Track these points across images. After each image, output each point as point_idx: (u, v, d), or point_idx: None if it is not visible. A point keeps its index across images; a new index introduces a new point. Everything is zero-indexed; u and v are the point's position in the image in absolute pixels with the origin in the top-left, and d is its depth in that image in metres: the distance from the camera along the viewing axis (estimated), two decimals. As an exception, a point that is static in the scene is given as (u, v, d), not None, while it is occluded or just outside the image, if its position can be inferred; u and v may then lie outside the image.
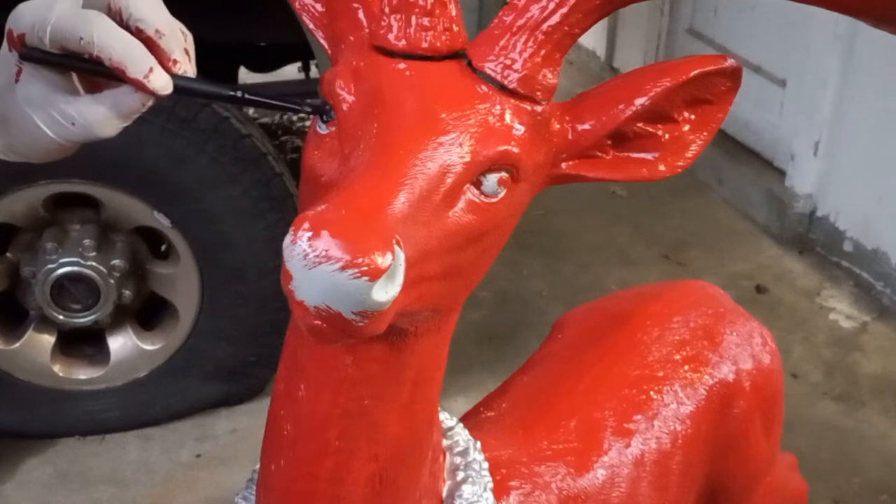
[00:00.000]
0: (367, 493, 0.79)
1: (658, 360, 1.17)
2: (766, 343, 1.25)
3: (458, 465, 0.90)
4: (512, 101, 0.71)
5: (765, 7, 3.56)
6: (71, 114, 0.69)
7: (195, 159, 1.94)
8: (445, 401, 1.00)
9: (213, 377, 2.19)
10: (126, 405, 2.17)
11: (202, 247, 2.03)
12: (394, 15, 0.71)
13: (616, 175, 0.78)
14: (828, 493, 2.07)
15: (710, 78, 0.75)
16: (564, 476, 1.01)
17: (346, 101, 0.71)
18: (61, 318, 2.01)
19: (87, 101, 0.70)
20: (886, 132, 2.91)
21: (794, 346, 2.64)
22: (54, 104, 0.69)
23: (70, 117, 0.70)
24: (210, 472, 2.09)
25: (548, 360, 1.21)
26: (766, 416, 1.23)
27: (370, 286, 0.57)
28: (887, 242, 2.93)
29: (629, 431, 1.09)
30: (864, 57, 2.98)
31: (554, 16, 0.71)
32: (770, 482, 1.28)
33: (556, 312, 1.38)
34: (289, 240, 0.59)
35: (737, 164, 3.63)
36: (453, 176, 0.67)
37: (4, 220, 1.96)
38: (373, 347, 0.73)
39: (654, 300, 1.26)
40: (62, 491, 2.03)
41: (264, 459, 0.82)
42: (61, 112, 0.70)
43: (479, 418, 1.08)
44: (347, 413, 0.75)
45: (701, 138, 0.77)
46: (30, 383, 2.09)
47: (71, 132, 0.70)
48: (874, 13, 0.73)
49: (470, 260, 0.72)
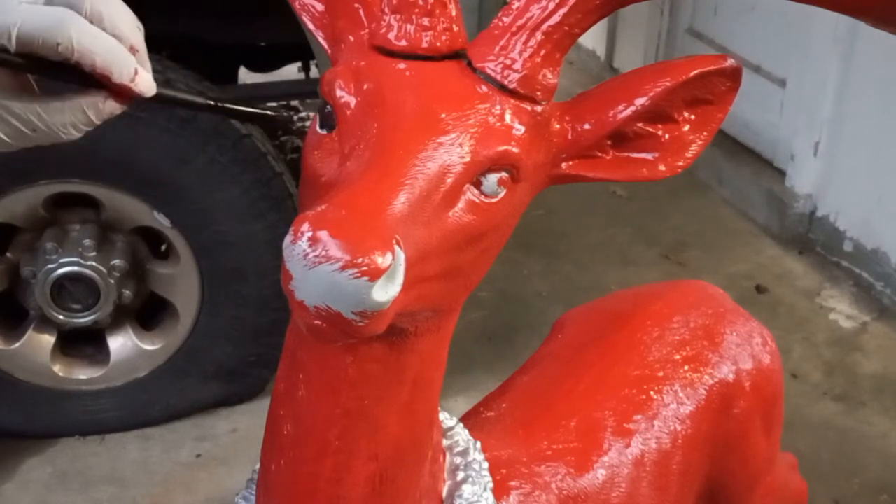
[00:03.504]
0: (367, 493, 0.79)
1: (658, 360, 1.17)
2: (766, 343, 1.25)
3: (458, 465, 0.90)
4: (512, 101, 0.71)
5: (765, 7, 3.56)
6: (31, 120, 0.65)
7: (195, 159, 1.94)
8: (445, 401, 1.00)
9: (213, 377, 2.19)
10: (126, 405, 2.17)
11: (202, 247, 2.03)
12: (394, 15, 0.71)
13: (616, 175, 0.78)
14: (828, 493, 2.06)
15: (710, 78, 0.75)
16: (564, 476, 1.01)
17: (346, 101, 0.71)
18: (61, 318, 2.01)
19: (53, 105, 0.65)
20: (886, 132, 2.91)
21: (794, 346, 2.64)
22: (9, 110, 0.64)
23: (30, 124, 0.65)
24: (210, 472, 2.09)
25: (548, 360, 1.21)
26: (766, 416, 1.23)
27: (370, 286, 0.57)
28: (887, 242, 2.93)
29: (629, 431, 1.09)
30: (864, 57, 2.98)
31: (554, 16, 0.71)
32: (770, 482, 1.28)
33: (556, 312, 1.38)
34: (289, 240, 0.59)
35: (737, 164, 3.63)
36: (453, 176, 0.67)
37: (4, 220, 1.95)
38: (373, 347, 0.73)
39: (654, 300, 1.26)
40: (62, 491, 2.03)
41: (264, 459, 0.82)
42: (19, 119, 0.64)
43: (479, 418, 1.08)
44: (347, 413, 0.75)
45: (701, 138, 0.77)
46: (30, 383, 2.09)
47: (30, 138, 0.66)
48: (874, 13, 0.73)
49: (470, 260, 0.72)
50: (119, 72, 0.65)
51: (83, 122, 0.67)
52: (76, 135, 0.67)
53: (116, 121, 0.71)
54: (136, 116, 1.83)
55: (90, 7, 0.64)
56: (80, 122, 0.66)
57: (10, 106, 0.64)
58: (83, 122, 0.66)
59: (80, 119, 0.66)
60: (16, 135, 0.65)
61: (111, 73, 0.65)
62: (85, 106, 0.66)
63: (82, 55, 0.63)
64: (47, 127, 0.65)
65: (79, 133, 0.67)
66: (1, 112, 0.65)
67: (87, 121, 0.67)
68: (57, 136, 0.66)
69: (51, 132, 0.66)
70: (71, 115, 0.66)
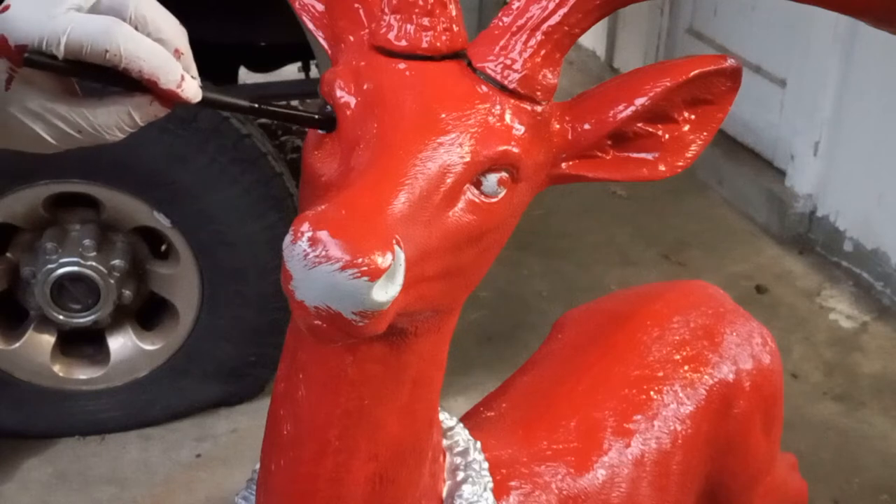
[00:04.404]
0: (367, 493, 0.79)
1: (658, 360, 1.17)
2: (766, 343, 1.25)
3: (458, 465, 0.90)
4: (512, 101, 0.71)
5: (765, 7, 3.56)
6: (77, 122, 0.66)
7: (195, 159, 1.94)
8: (445, 401, 1.00)
9: (213, 377, 2.19)
10: (126, 405, 2.17)
11: (202, 247, 2.03)
12: (394, 15, 0.71)
13: (616, 175, 0.78)
14: (828, 493, 2.06)
15: (709, 78, 0.75)
16: (564, 476, 1.01)
17: (346, 101, 0.71)
18: (61, 318, 2.01)
19: (99, 109, 0.66)
20: (886, 132, 2.91)
21: (794, 346, 2.64)
22: (55, 112, 0.65)
23: (76, 125, 0.66)
24: (210, 472, 2.09)
25: (548, 360, 1.21)
26: (766, 416, 1.23)
27: (370, 286, 0.57)
28: (887, 242, 2.93)
29: (629, 431, 1.09)
30: (864, 57, 2.98)
31: (554, 16, 0.71)
32: (770, 482, 1.28)
33: (556, 312, 1.38)
34: (289, 240, 0.59)
35: (737, 164, 3.63)
36: (453, 176, 0.67)
37: (4, 220, 1.96)
38: (373, 347, 0.73)
39: (654, 300, 1.26)
40: (62, 491, 2.03)
41: (264, 459, 0.82)
42: (65, 121, 0.66)
43: (479, 418, 1.08)
44: (347, 413, 0.75)
45: (701, 138, 0.77)
46: (30, 383, 2.09)
47: (76, 140, 0.67)
48: (874, 13, 0.73)
49: (470, 260, 0.72)
50: (165, 78, 0.65)
51: (128, 124, 0.67)
52: (120, 136, 0.68)
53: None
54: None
55: (134, 12, 0.64)
56: (125, 123, 0.67)
57: (55, 109, 0.65)
58: (128, 123, 0.67)
59: (124, 121, 0.67)
60: (60, 137, 0.66)
61: (158, 80, 0.65)
62: (131, 108, 0.67)
63: (130, 62, 0.64)
64: (92, 128, 0.66)
65: (123, 134, 0.68)
66: (47, 115, 0.65)
67: (131, 122, 0.67)
68: (101, 138, 0.67)
69: (96, 133, 0.67)
70: (116, 116, 0.66)
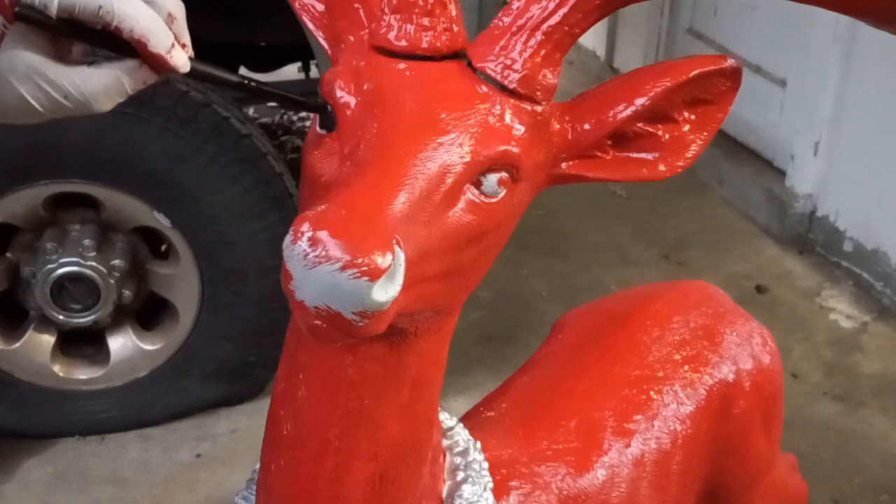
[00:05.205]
0: (367, 493, 0.79)
1: (658, 360, 1.17)
2: (766, 343, 1.25)
3: (458, 465, 0.90)
4: (512, 101, 0.72)
5: (765, 7, 3.56)
6: (64, 86, 0.64)
7: (195, 159, 1.93)
8: (445, 401, 1.00)
9: (213, 377, 2.18)
10: (126, 405, 2.16)
11: (202, 247, 2.03)
12: (394, 15, 0.71)
13: (616, 175, 0.78)
14: (828, 493, 2.06)
15: (709, 78, 0.75)
16: (564, 476, 1.01)
17: (346, 101, 0.71)
18: (61, 318, 2.01)
19: (88, 72, 0.65)
20: (886, 132, 2.91)
21: (794, 346, 2.64)
22: (44, 76, 0.64)
23: (62, 90, 0.64)
24: (210, 472, 2.09)
25: (548, 360, 1.21)
26: (766, 416, 1.23)
27: (370, 286, 0.57)
28: (887, 242, 2.93)
29: (629, 431, 1.09)
30: (864, 57, 2.98)
31: (554, 16, 0.71)
32: (770, 482, 1.28)
33: (556, 312, 1.38)
34: (289, 240, 0.59)
35: (737, 164, 3.63)
36: (453, 176, 0.67)
37: (4, 220, 1.95)
38: (373, 347, 0.73)
39: (654, 300, 1.26)
40: (62, 491, 2.03)
41: (264, 459, 0.82)
42: (53, 85, 0.64)
43: (479, 418, 1.08)
44: (347, 413, 0.75)
45: (701, 138, 0.77)
46: (30, 383, 2.09)
47: (62, 106, 0.65)
48: (874, 13, 0.73)
49: (470, 260, 0.72)
50: (156, 41, 0.65)
51: (117, 91, 0.66)
52: (108, 105, 0.67)
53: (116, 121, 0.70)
54: (136, 116, 1.83)
55: None
56: (113, 90, 0.66)
57: (44, 72, 0.64)
58: (117, 90, 0.66)
59: (113, 87, 0.66)
60: (47, 102, 0.65)
61: (148, 41, 0.64)
62: (120, 72, 0.66)
63: (122, 20, 0.63)
64: (80, 94, 0.65)
65: (111, 103, 0.67)
66: (35, 77, 0.64)
67: (119, 89, 0.66)
68: (88, 105, 0.66)
69: (83, 100, 0.65)
70: (105, 80, 0.65)
